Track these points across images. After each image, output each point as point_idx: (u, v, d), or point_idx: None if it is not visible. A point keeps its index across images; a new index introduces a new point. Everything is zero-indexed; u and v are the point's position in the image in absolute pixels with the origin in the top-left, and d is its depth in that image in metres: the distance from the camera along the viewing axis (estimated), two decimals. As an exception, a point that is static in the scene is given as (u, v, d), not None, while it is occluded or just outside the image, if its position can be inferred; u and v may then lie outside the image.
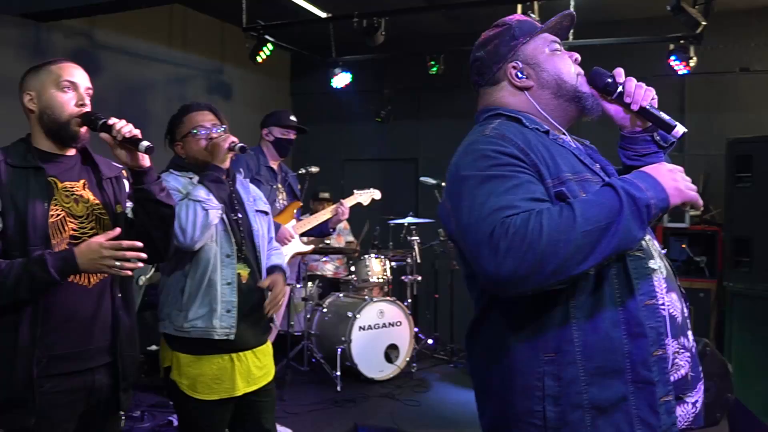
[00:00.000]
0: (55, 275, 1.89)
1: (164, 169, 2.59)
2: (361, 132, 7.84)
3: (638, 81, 1.56)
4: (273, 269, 2.70)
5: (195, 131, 2.54)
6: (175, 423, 4.26)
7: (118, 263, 1.93)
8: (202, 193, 2.39)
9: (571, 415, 1.37)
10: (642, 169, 1.40)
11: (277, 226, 4.04)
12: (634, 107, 1.54)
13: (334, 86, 6.65)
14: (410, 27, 6.39)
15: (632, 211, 1.29)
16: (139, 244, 1.97)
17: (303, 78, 8.24)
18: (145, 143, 2.01)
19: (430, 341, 6.32)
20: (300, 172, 4.98)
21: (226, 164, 2.50)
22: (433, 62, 6.36)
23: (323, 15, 6.12)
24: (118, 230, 1.99)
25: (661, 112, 1.53)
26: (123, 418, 2.26)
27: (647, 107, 1.53)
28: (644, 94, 1.53)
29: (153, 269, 4.53)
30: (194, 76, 6.79)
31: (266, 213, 2.78)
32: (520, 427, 1.42)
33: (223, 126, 2.59)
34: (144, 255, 1.98)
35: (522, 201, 1.33)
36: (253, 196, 2.74)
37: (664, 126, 1.52)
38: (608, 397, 1.37)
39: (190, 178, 2.52)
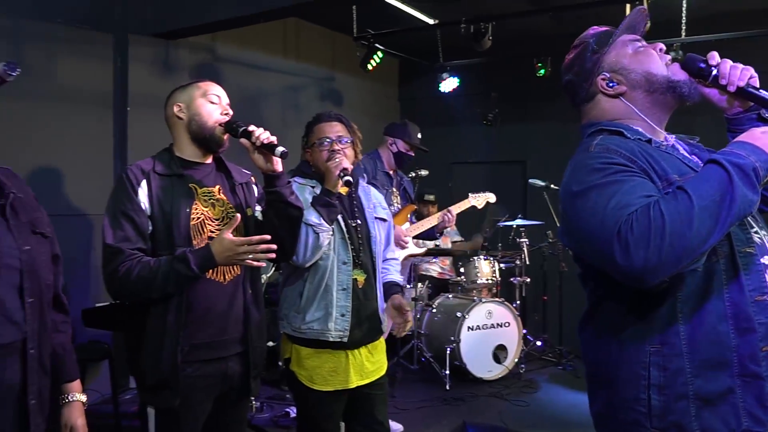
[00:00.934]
0: (197, 270, 2.10)
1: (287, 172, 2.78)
2: (469, 135, 7.90)
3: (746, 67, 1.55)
4: (393, 287, 2.82)
5: (319, 142, 2.68)
6: (292, 414, 4.51)
7: (250, 256, 2.12)
8: (313, 217, 2.52)
9: (676, 405, 1.43)
10: (736, 139, 1.43)
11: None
12: (731, 88, 1.54)
13: (442, 91, 6.76)
14: (517, 29, 6.39)
15: (741, 178, 1.32)
16: (268, 237, 2.15)
17: (411, 83, 8.40)
18: (280, 148, 2.20)
19: (538, 343, 6.32)
20: (410, 175, 5.13)
21: (338, 188, 2.59)
22: (540, 64, 6.36)
23: (431, 21, 6.25)
24: (238, 217, 2.17)
25: (761, 90, 1.51)
26: (252, 402, 2.45)
27: (744, 87, 1.52)
28: (740, 74, 1.53)
29: (273, 268, 4.79)
30: (307, 85, 7.09)
31: (385, 220, 2.89)
32: (626, 413, 1.48)
33: (349, 138, 2.70)
34: (274, 246, 2.15)
35: (639, 198, 1.38)
36: (373, 203, 2.86)
37: (764, 103, 1.52)
38: (714, 390, 1.41)
39: (312, 187, 2.68)
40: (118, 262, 2.13)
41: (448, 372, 5.27)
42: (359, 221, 2.72)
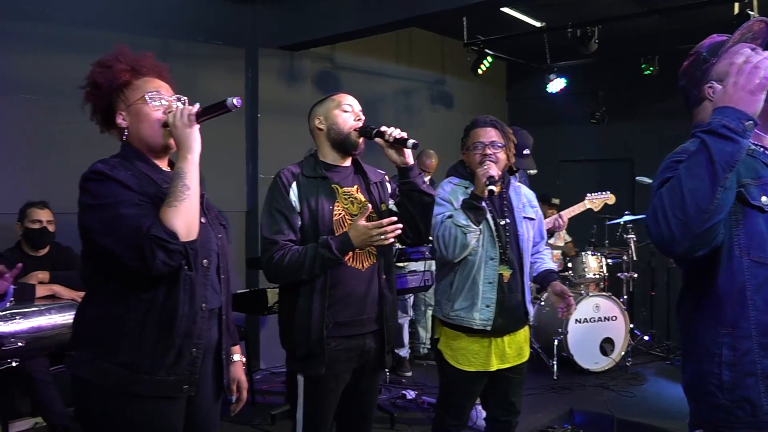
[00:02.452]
0: (338, 254, 2.45)
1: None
2: (576, 133, 8.01)
3: None
4: (549, 274, 3.09)
5: (473, 146, 2.93)
6: (408, 396, 4.86)
7: (382, 237, 2.45)
8: (462, 219, 2.80)
9: (745, 381, 1.66)
10: None
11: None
12: None
13: (550, 91, 6.94)
14: (623, 29, 6.47)
15: (712, 139, 1.54)
16: (394, 218, 2.47)
17: (518, 84, 8.60)
18: (411, 140, 2.52)
19: (645, 337, 6.39)
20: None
21: (485, 194, 2.78)
22: (644, 65, 6.41)
23: (538, 25, 6.45)
24: (370, 207, 2.52)
25: None
26: (387, 373, 2.75)
27: None
28: None
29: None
30: (419, 89, 7.44)
31: (533, 219, 3.09)
32: (703, 386, 1.73)
33: (502, 143, 2.92)
34: (400, 226, 2.46)
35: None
36: (523, 202, 3.07)
37: None
38: None
39: (466, 188, 2.95)
40: (273, 251, 2.51)
41: (555, 362, 5.48)
42: (508, 220, 2.95)
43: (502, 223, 2.93)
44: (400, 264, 5.07)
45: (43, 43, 4.61)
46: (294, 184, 2.58)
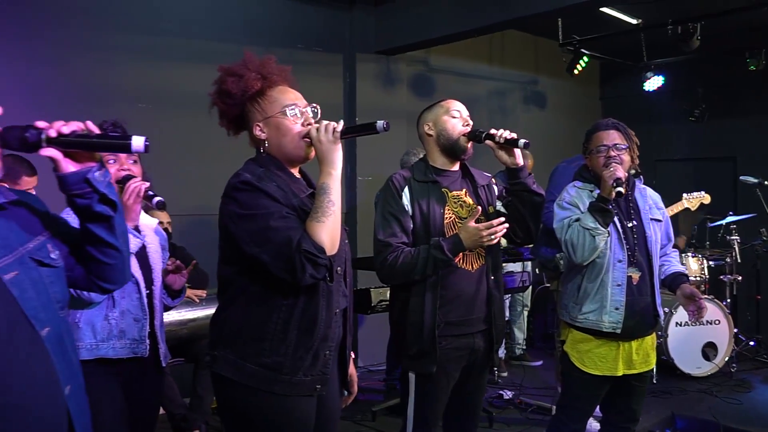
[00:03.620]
0: (450, 255, 2.53)
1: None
2: (673, 132, 7.81)
3: None
4: (679, 276, 3.03)
5: (597, 149, 2.92)
6: (506, 396, 4.90)
7: (492, 237, 2.51)
8: (589, 222, 2.80)
9: None
10: None
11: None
12: None
13: (647, 90, 6.80)
14: (726, 23, 6.26)
15: None
16: (502, 219, 2.53)
17: (612, 82, 8.45)
18: (522, 140, 2.55)
19: (751, 343, 6.16)
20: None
21: (612, 195, 2.77)
22: (749, 59, 6.19)
23: (634, 22, 6.33)
24: (479, 209, 2.56)
25: None
26: (496, 371, 2.80)
27: None
28: None
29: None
30: (512, 89, 7.44)
31: (660, 220, 3.04)
32: None
33: (625, 145, 2.91)
34: (506, 224, 2.53)
35: None
36: (649, 204, 3.04)
37: None
38: None
39: (590, 191, 2.94)
40: (387, 253, 2.61)
41: (654, 366, 5.35)
42: (635, 222, 2.93)
43: (629, 225, 2.92)
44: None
45: (153, 54, 4.91)
46: (406, 188, 2.66)
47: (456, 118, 2.71)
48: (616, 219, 2.88)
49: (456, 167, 2.77)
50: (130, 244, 2.17)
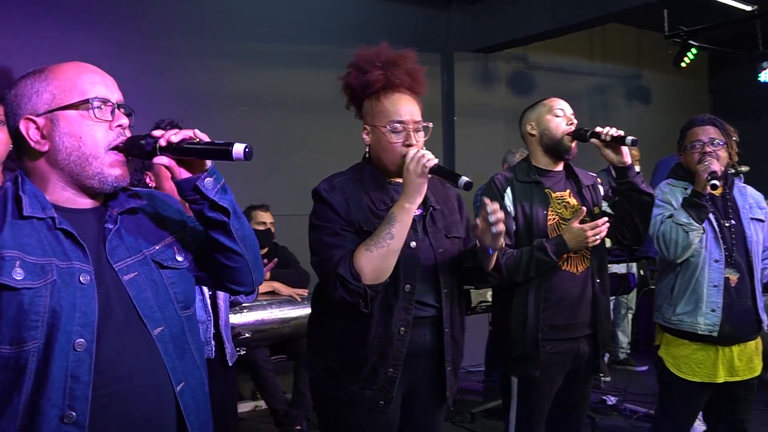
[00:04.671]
0: (554, 257, 2.47)
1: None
2: (793, 126, 7.34)
3: None
4: None
5: (691, 145, 2.83)
6: (609, 402, 4.74)
7: (597, 237, 2.45)
8: (683, 217, 2.70)
9: None
10: None
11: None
12: None
13: (762, 81, 6.43)
14: None
15: None
16: (605, 219, 2.47)
17: (722, 74, 8.03)
18: (630, 138, 2.46)
19: None
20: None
21: (707, 190, 2.68)
22: None
23: (748, 9, 5.99)
24: (584, 209, 2.50)
25: None
26: (601, 377, 2.72)
27: None
28: None
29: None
30: (613, 84, 7.20)
31: (762, 220, 2.90)
32: None
33: (722, 141, 2.79)
34: (607, 224, 2.46)
35: None
36: (749, 203, 2.91)
37: None
38: None
39: (684, 188, 2.83)
40: None
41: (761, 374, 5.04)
42: (733, 221, 2.81)
43: (727, 224, 2.79)
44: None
45: (254, 58, 5.05)
46: (508, 189, 2.62)
47: (559, 117, 2.64)
48: (711, 217, 2.76)
49: (560, 167, 2.71)
50: None
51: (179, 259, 1.49)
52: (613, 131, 2.50)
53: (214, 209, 1.41)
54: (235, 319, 3.86)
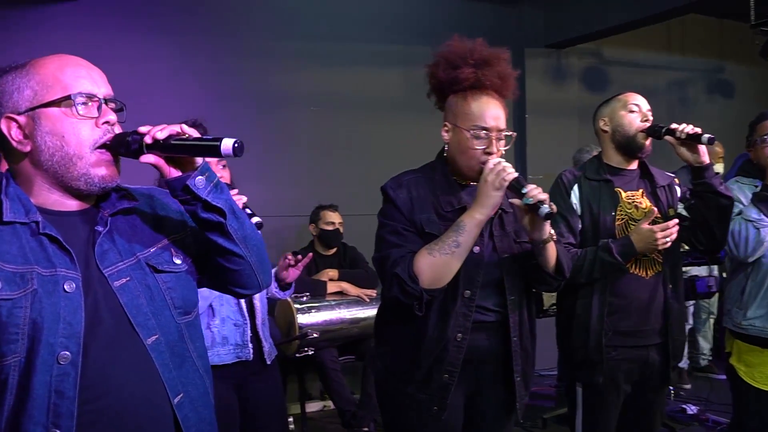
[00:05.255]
0: (619, 258, 2.35)
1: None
2: None
3: None
4: None
5: (761, 139, 2.71)
6: (689, 411, 4.54)
7: (667, 240, 2.32)
8: (753, 213, 2.58)
9: None
10: None
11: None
12: None
13: None
14: None
15: None
16: (676, 220, 2.35)
17: (814, 65, 7.60)
18: (706, 135, 2.32)
19: None
20: None
21: None
22: None
23: None
24: (655, 210, 2.37)
25: None
26: (672, 392, 2.59)
27: None
28: None
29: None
30: (693, 78, 6.90)
31: None
32: None
33: None
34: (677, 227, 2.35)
35: None
36: None
37: None
38: None
39: (755, 186, 2.71)
40: None
41: None
42: None
43: None
44: (683, 269, 4.75)
45: (324, 58, 5.07)
46: (575, 187, 2.53)
47: (634, 113, 2.52)
48: None
49: (633, 166, 2.58)
50: None
51: (177, 262, 1.40)
52: (689, 128, 2.37)
53: (208, 210, 1.32)
54: (304, 319, 3.87)
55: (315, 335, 3.87)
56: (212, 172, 1.32)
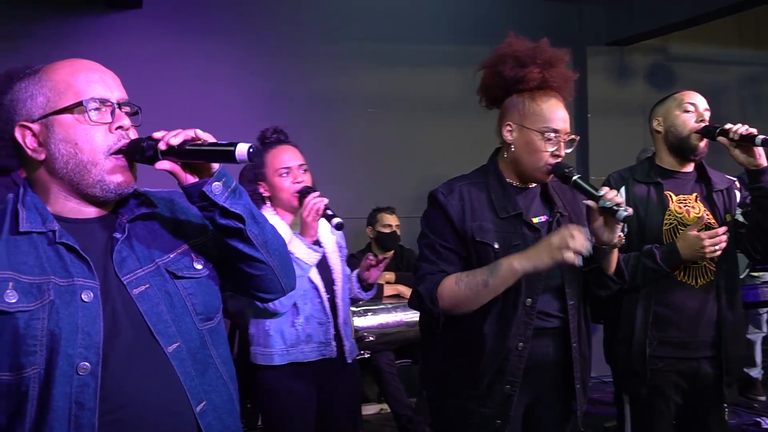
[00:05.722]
0: (662, 264, 2.26)
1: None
2: None
3: None
4: None
5: None
6: (764, 425, 4.33)
7: (716, 248, 2.22)
8: None
9: None
10: None
11: None
12: None
13: None
14: None
15: None
16: (724, 228, 2.25)
17: None
18: (761, 137, 2.20)
19: None
20: None
21: None
22: None
23: None
24: (705, 217, 2.28)
25: None
26: (726, 410, 2.48)
27: None
28: None
29: (747, 270, 4.64)
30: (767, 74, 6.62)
31: None
32: None
33: None
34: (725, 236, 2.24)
35: None
36: None
37: None
38: None
39: None
40: None
41: None
42: None
43: None
44: (755, 273, 4.55)
45: (381, 59, 5.09)
46: (623, 189, 2.44)
47: (689, 113, 2.41)
48: None
49: (688, 168, 2.47)
50: (308, 257, 2.32)
51: (198, 267, 1.37)
52: (743, 129, 2.25)
53: (226, 216, 1.28)
54: (360, 322, 3.86)
55: (371, 338, 3.86)
56: (230, 177, 1.29)
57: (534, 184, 2.05)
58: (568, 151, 1.98)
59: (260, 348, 2.41)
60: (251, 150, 1.20)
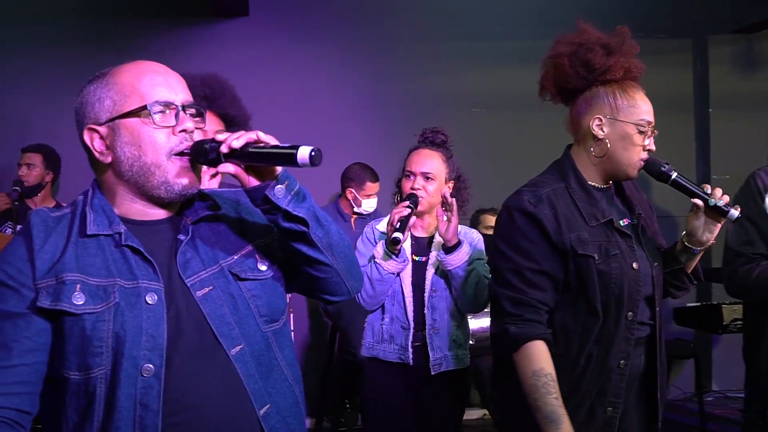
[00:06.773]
0: None
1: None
2: None
3: None
4: None
5: None
6: None
7: None
8: None
9: None
10: None
11: None
12: None
13: None
14: None
15: None
16: None
17: None
18: None
19: None
20: None
21: None
22: None
23: None
24: None
25: None
26: None
27: None
28: None
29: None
30: None
31: None
32: None
33: None
34: None
35: None
36: None
37: None
38: None
39: None
40: (739, 264, 2.24)
41: None
42: None
43: None
44: None
45: (483, 57, 5.03)
46: None
47: None
48: None
49: None
50: (389, 267, 2.38)
51: (262, 268, 1.36)
52: None
53: (289, 219, 1.27)
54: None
55: (471, 342, 3.78)
56: (293, 179, 1.28)
57: (608, 185, 1.91)
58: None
59: (364, 339, 2.60)
60: (313, 153, 1.19)
